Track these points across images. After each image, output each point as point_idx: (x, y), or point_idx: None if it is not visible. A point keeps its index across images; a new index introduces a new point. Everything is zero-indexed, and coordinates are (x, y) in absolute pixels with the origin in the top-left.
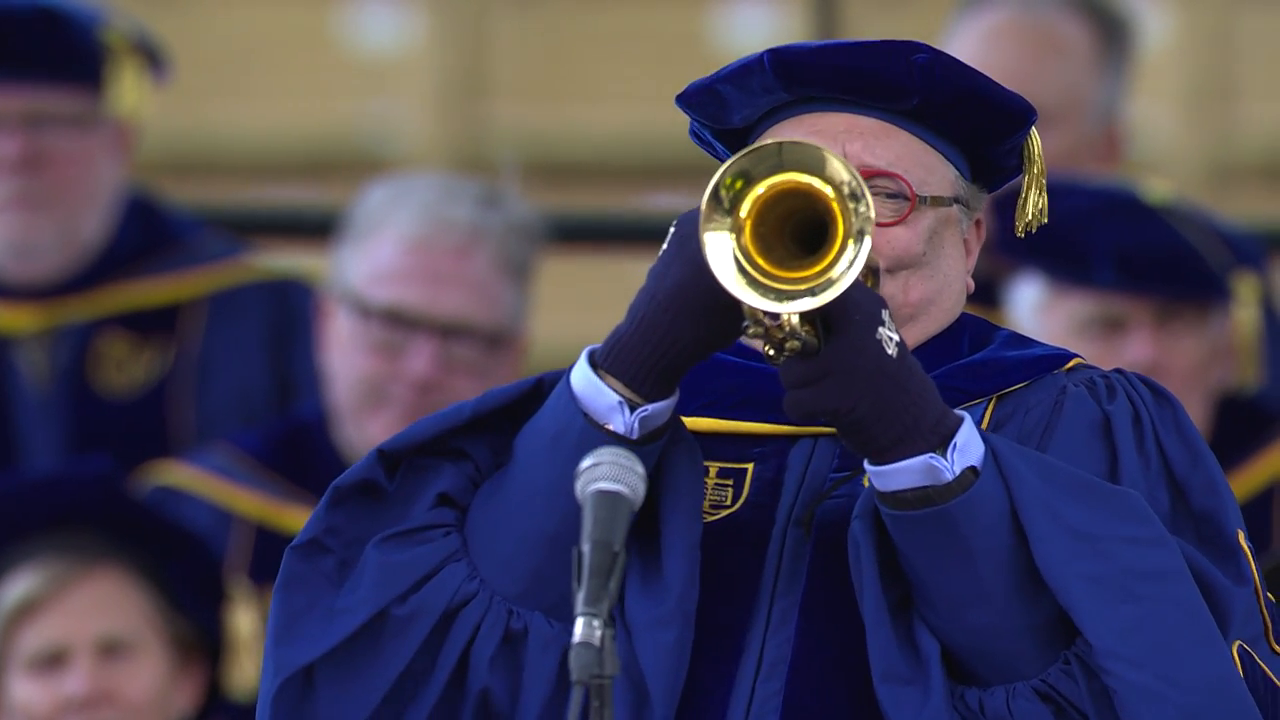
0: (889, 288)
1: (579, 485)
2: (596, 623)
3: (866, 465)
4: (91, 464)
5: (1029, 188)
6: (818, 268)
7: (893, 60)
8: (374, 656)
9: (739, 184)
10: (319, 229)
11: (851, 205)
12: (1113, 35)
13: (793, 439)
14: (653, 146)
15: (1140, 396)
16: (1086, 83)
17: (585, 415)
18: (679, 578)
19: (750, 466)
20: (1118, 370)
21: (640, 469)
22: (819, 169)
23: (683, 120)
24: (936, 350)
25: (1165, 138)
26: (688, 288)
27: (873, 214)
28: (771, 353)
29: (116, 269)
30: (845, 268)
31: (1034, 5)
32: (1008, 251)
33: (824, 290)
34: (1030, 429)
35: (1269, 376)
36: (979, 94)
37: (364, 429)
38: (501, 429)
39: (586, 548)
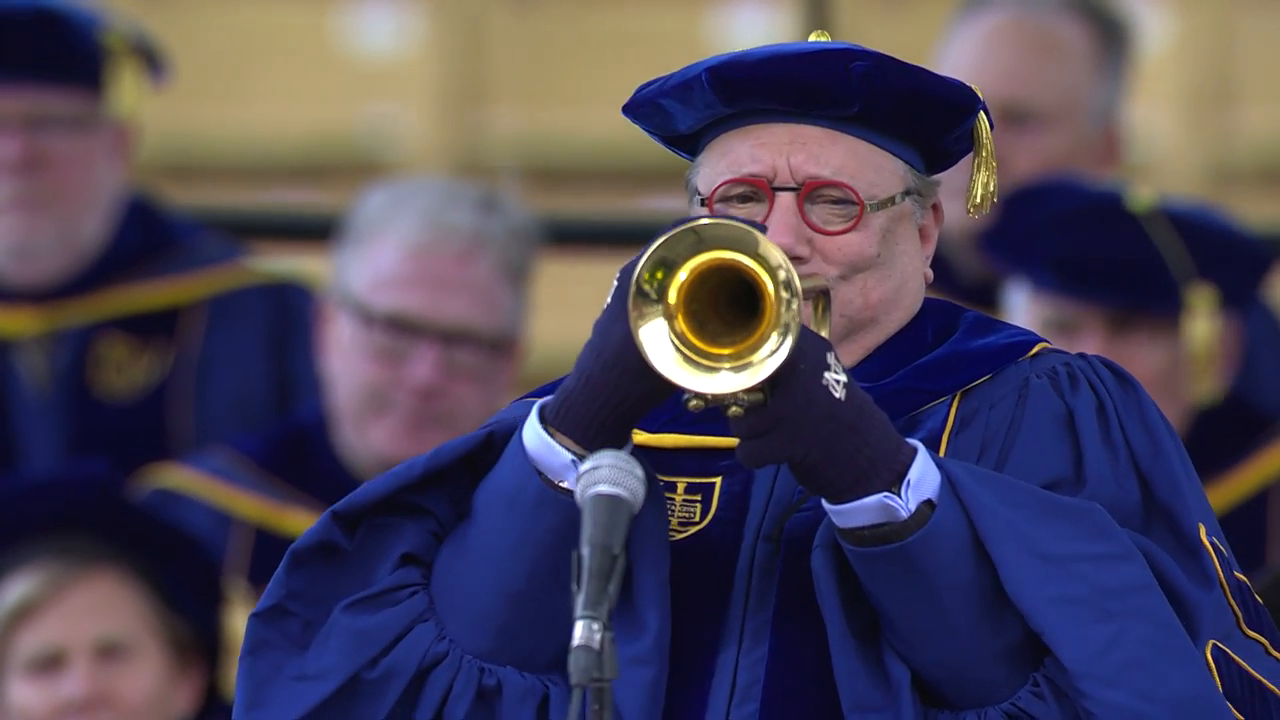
0: (847, 293)
1: (579, 488)
2: (596, 626)
3: (824, 503)
4: (90, 467)
5: (978, 170)
6: (743, 346)
7: (831, 69)
8: None
9: (660, 274)
10: (318, 232)
11: (785, 295)
12: (1111, 37)
13: None
14: (650, 150)
15: (1103, 383)
16: (1085, 85)
17: (540, 474)
18: (654, 615)
19: (718, 480)
20: (1081, 355)
21: (640, 472)
22: (750, 248)
23: None
24: (900, 346)
25: (1164, 141)
26: (632, 345)
27: (800, 314)
28: (723, 413)
29: (116, 272)
30: (766, 356)
31: (1033, 7)
32: (988, 251)
33: (744, 370)
34: (995, 427)
35: (1268, 379)
36: (921, 93)
37: (366, 435)
38: (460, 480)
39: (586, 551)
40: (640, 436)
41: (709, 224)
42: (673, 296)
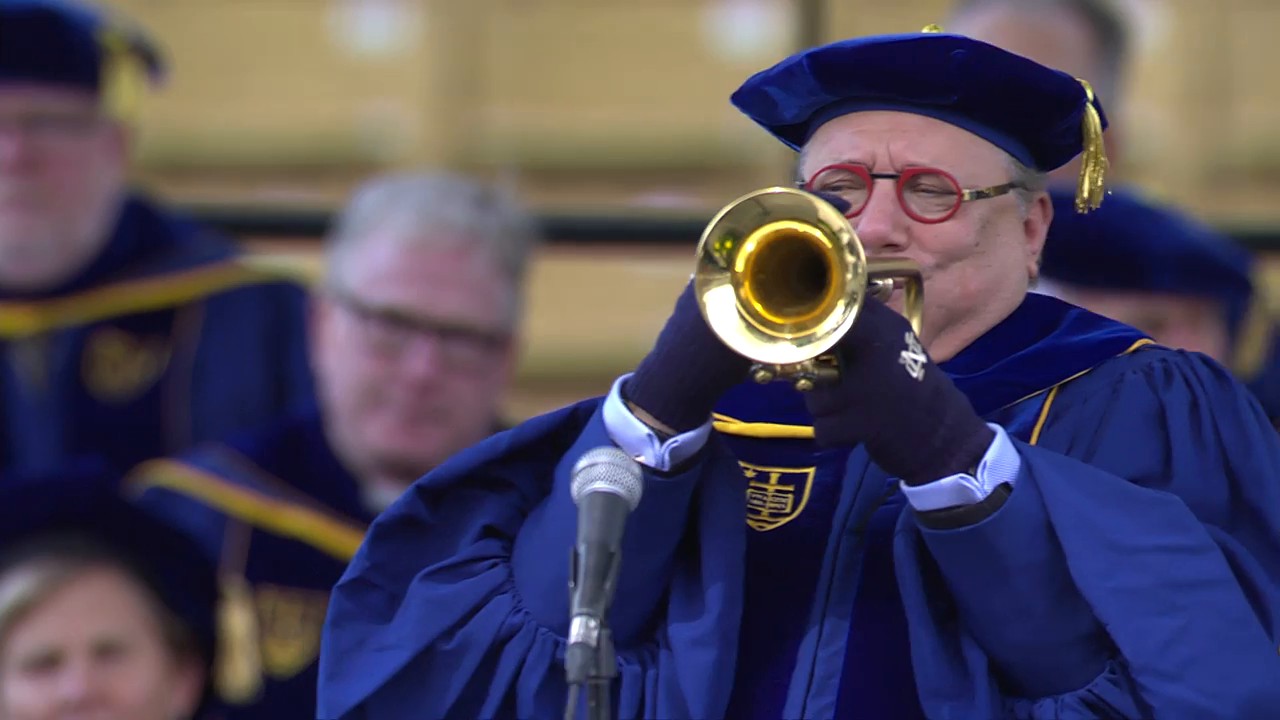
0: (944, 282)
1: (575, 486)
2: (593, 623)
3: (902, 485)
4: (87, 465)
5: (1086, 164)
6: (806, 317)
7: (931, 57)
8: (424, 692)
9: (729, 243)
10: (315, 230)
11: (850, 259)
12: (1108, 36)
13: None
14: (646, 148)
15: (1199, 380)
16: None
17: (617, 448)
18: (718, 598)
19: (811, 471)
20: (1180, 352)
21: (636, 469)
22: (811, 215)
23: (676, 121)
24: (999, 339)
25: (1160, 139)
26: None
27: (864, 277)
28: (793, 386)
29: (112, 271)
30: (830, 329)
31: (1029, 5)
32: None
33: (806, 342)
34: (1086, 420)
35: (1265, 376)
36: (1022, 83)
37: (362, 430)
38: (543, 455)
39: (583, 548)
40: (734, 425)
41: (772, 193)
42: (740, 265)
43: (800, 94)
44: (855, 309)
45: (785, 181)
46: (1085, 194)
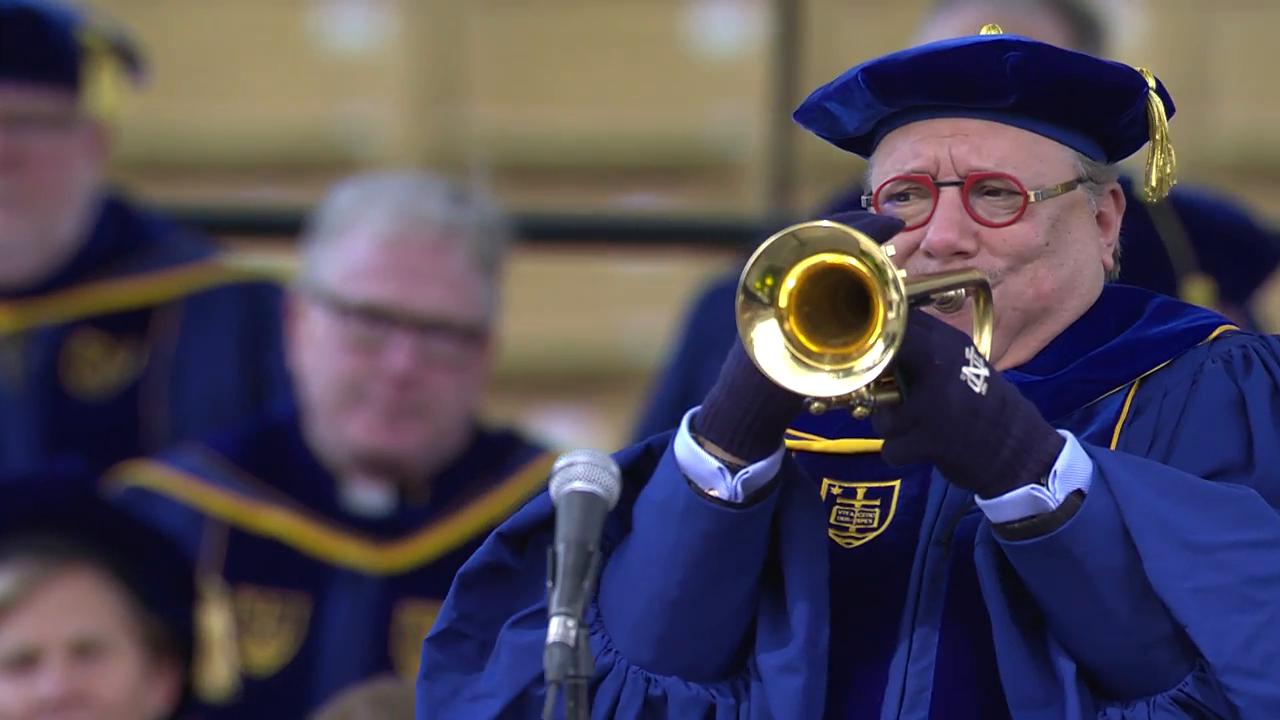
0: (1016, 284)
1: (554, 485)
2: (571, 622)
3: (976, 498)
4: (64, 465)
5: (1153, 152)
6: (850, 348)
7: (984, 61)
8: None
9: (769, 280)
10: (293, 229)
11: (893, 298)
12: (1086, 35)
13: None
14: (623, 147)
15: None
16: None
17: (690, 483)
18: (803, 622)
19: (897, 484)
20: (1260, 336)
21: (615, 469)
22: (853, 248)
23: (653, 121)
24: (1078, 336)
25: None
26: None
27: (905, 319)
28: (850, 413)
29: (91, 270)
30: (867, 367)
31: (1007, 4)
32: None
33: (845, 376)
34: (1167, 414)
35: None
36: (1079, 79)
37: (342, 427)
38: (623, 495)
39: (561, 548)
40: (819, 443)
41: (806, 227)
42: (783, 300)
43: (859, 107)
44: (894, 350)
45: (763, 182)
46: (1153, 183)
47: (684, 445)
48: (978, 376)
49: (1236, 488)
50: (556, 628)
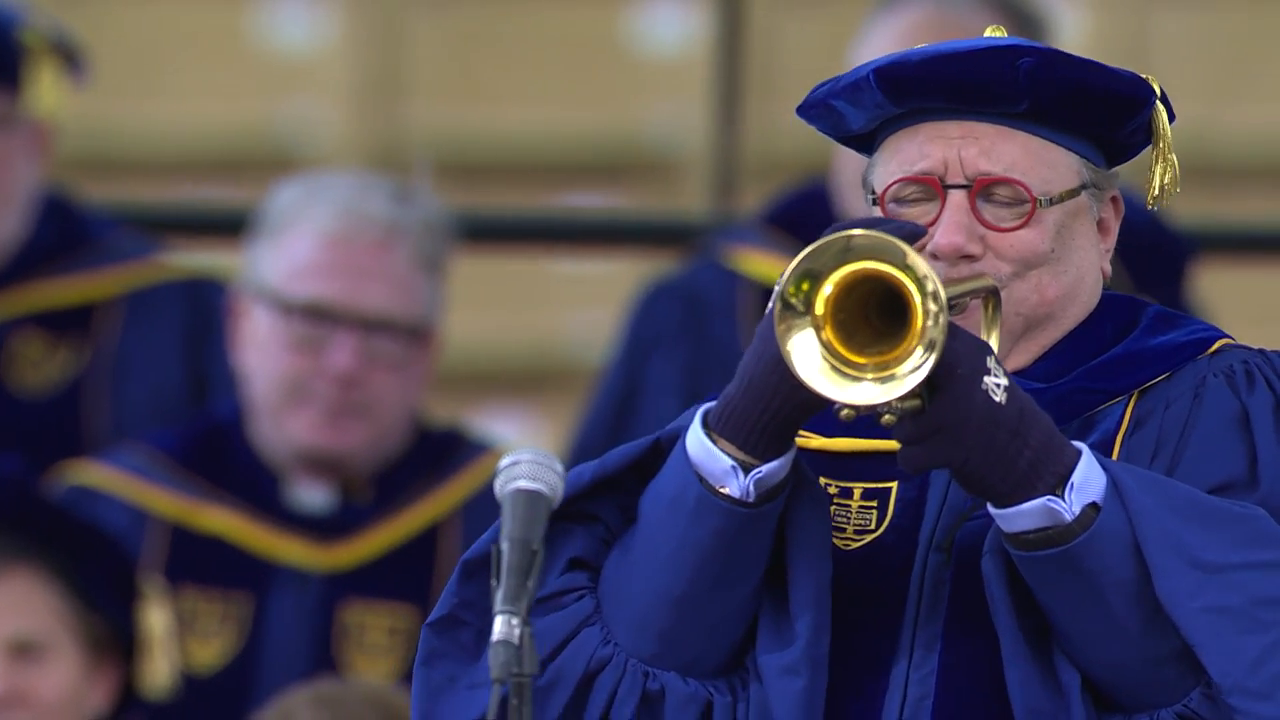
0: (1021, 290)
1: (498, 484)
2: (515, 620)
3: (990, 507)
4: (5, 464)
5: (1156, 161)
6: (890, 355)
7: (997, 66)
8: None
9: (805, 285)
10: (235, 227)
11: (932, 308)
12: (1029, 33)
13: None
14: (567, 146)
15: None
16: None
17: (701, 480)
18: (807, 624)
19: (894, 485)
20: (1260, 352)
21: (559, 467)
22: (898, 260)
23: (596, 120)
24: (1077, 343)
25: None
26: None
27: (945, 327)
28: (877, 420)
29: (31, 268)
30: (910, 370)
31: (950, 3)
32: None
33: (888, 383)
34: (1169, 427)
35: None
36: (1091, 87)
37: (284, 426)
38: (627, 487)
39: (505, 546)
40: (816, 441)
41: (858, 234)
42: (820, 308)
43: (867, 107)
44: (935, 355)
45: (705, 181)
46: (1156, 191)
47: (697, 442)
48: (999, 385)
49: (1247, 507)
50: (501, 626)
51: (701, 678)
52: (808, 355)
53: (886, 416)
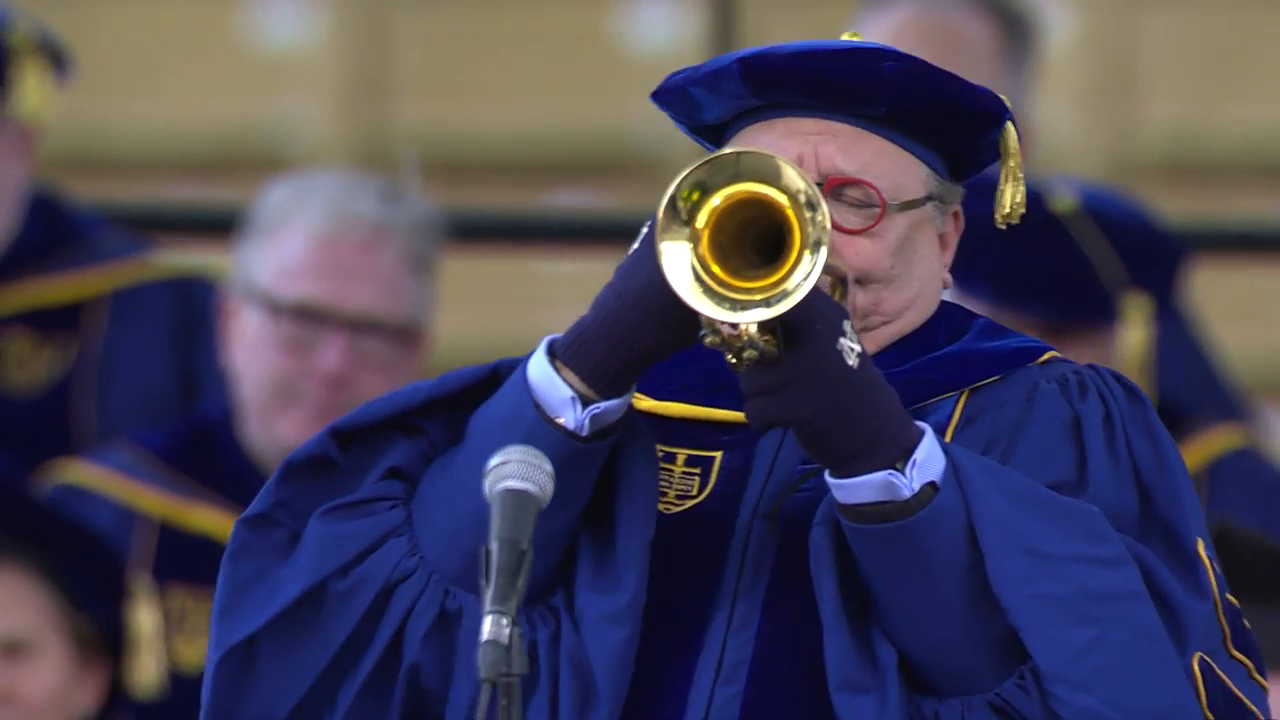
0: (861, 300)
1: (487, 483)
2: (505, 621)
3: (827, 477)
4: None
5: (1005, 180)
6: (774, 278)
7: (863, 68)
8: (314, 629)
9: (695, 195)
10: (222, 226)
11: (808, 214)
12: (1016, 33)
13: None
14: (554, 145)
15: (1112, 394)
16: (991, 81)
17: (537, 406)
18: (634, 576)
19: (719, 455)
20: (1091, 366)
21: (548, 467)
22: (774, 178)
23: (584, 119)
24: (912, 343)
25: (1066, 136)
26: (655, 288)
27: (828, 223)
28: (732, 360)
29: (19, 267)
30: (801, 279)
31: (938, 4)
32: None
33: (779, 301)
34: (1002, 426)
35: (1176, 377)
36: (951, 99)
37: (273, 427)
38: (461, 408)
39: (494, 546)
40: (645, 403)
41: (747, 154)
42: (701, 221)
43: (726, 97)
44: (823, 252)
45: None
46: (1006, 209)
47: (539, 368)
48: (853, 350)
49: (1081, 503)
50: (490, 626)
51: None
52: (680, 268)
53: (747, 352)
